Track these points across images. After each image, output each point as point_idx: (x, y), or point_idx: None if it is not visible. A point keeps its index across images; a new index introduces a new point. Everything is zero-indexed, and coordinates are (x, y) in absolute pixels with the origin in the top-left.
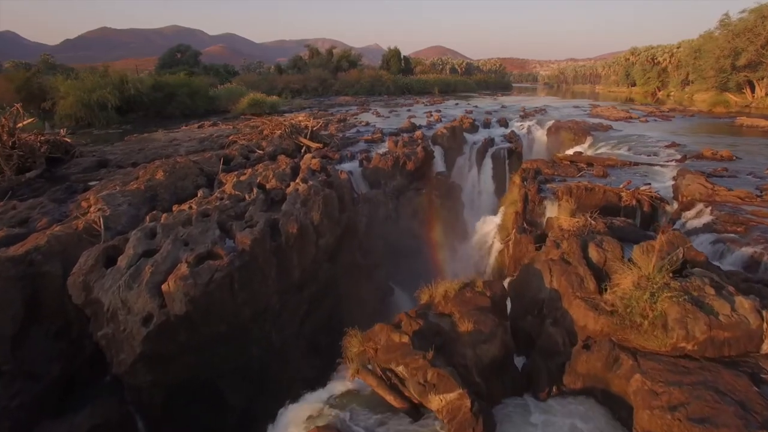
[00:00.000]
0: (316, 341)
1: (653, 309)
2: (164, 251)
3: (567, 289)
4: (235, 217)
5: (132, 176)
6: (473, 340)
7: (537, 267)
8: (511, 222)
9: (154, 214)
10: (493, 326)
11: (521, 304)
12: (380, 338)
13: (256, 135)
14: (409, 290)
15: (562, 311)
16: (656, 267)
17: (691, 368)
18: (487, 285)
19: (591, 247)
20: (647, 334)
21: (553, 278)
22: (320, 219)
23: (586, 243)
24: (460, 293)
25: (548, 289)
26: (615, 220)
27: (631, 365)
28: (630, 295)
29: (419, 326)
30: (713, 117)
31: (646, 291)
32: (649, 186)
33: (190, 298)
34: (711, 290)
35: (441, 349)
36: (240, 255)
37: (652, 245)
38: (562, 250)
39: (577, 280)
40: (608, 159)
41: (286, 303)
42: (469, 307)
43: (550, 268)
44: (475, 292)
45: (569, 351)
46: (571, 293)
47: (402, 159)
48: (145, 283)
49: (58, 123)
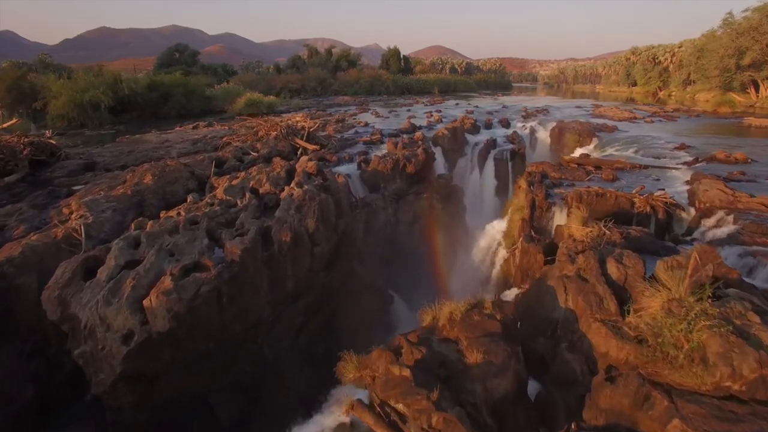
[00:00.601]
0: (312, 352)
1: (689, 339)
2: (147, 263)
3: (584, 310)
4: (225, 225)
5: (119, 180)
6: (483, 373)
7: (550, 284)
8: (517, 229)
9: (140, 221)
10: (505, 357)
11: (532, 323)
12: (378, 366)
13: (251, 136)
14: (409, 298)
15: (579, 335)
16: (688, 288)
17: (741, 414)
18: (496, 306)
19: (610, 263)
20: (684, 369)
21: (568, 297)
22: (316, 226)
23: (603, 257)
24: (467, 316)
25: (563, 308)
26: (631, 229)
27: (667, 407)
28: (660, 322)
29: (421, 355)
30: (719, 117)
31: (679, 318)
32: (664, 191)
33: (173, 314)
34: (755, 318)
35: (447, 382)
36: (229, 266)
37: (678, 261)
38: (578, 266)
39: (595, 300)
40: (617, 161)
41: (280, 315)
42: (477, 333)
43: (565, 286)
44: (483, 314)
45: (589, 381)
46: (590, 315)
47: (402, 161)
48: (125, 298)
49: (50, 123)
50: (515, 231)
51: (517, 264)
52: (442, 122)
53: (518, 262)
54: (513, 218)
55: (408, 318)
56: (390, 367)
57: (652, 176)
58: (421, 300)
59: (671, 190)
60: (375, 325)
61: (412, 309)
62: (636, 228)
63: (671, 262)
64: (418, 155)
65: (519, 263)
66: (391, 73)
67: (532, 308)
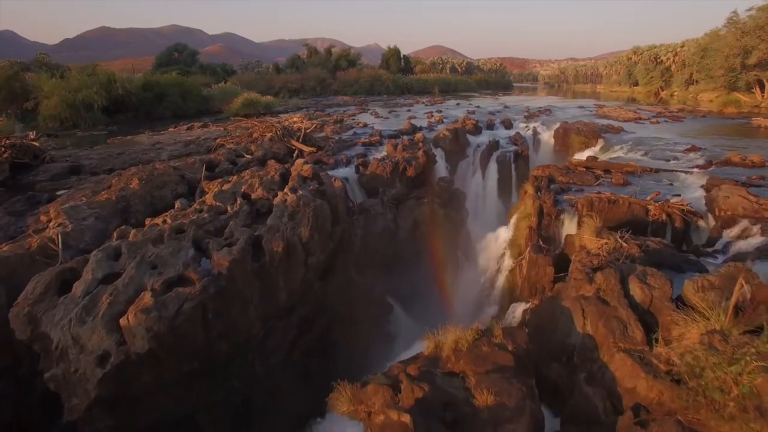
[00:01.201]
0: (307, 367)
1: (739, 383)
2: (126, 276)
3: (606, 336)
4: (214, 233)
5: (104, 185)
6: (494, 417)
7: (565, 304)
8: (523, 237)
9: (123, 230)
10: (519, 398)
11: (545, 347)
12: (374, 402)
13: (245, 138)
14: (409, 307)
15: (599, 365)
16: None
17: None
18: (507, 335)
19: (632, 283)
20: (735, 421)
21: (586, 321)
22: (310, 234)
23: (624, 275)
24: (474, 346)
25: (580, 333)
26: (649, 241)
27: None
28: (700, 359)
29: (423, 393)
30: (725, 118)
31: (724, 356)
32: (681, 198)
33: (153, 334)
34: None
35: (453, 428)
36: (215, 279)
37: (710, 282)
38: (597, 286)
39: (618, 326)
40: (626, 165)
41: (272, 329)
42: (486, 367)
43: (582, 309)
44: (492, 344)
45: (613, 421)
46: (612, 343)
47: (402, 164)
48: (101, 316)
49: (42, 124)
50: (521, 239)
51: (524, 275)
52: (443, 123)
53: (525, 273)
54: (519, 226)
55: (408, 327)
56: (388, 410)
57: (664, 181)
58: (422, 309)
59: (686, 197)
60: (373, 336)
61: (413, 318)
62: (655, 239)
63: (702, 282)
64: (419, 158)
65: (526, 275)
66: (391, 72)
67: (544, 329)
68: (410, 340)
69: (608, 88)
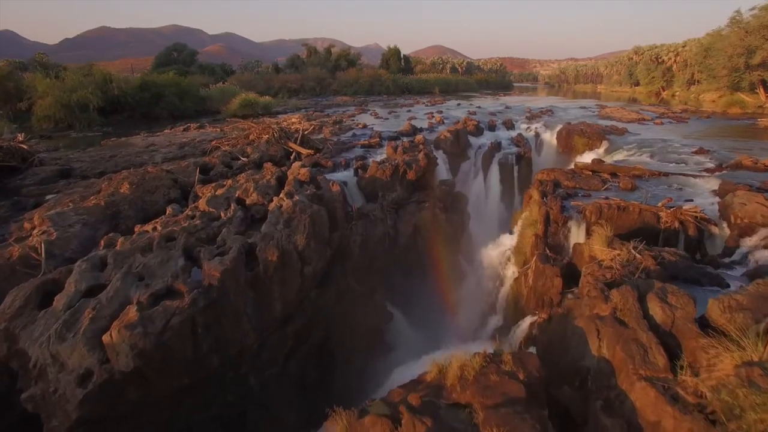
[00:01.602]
0: (303, 379)
1: None
2: (111, 289)
3: (624, 362)
4: (206, 240)
5: (94, 189)
6: None
7: (578, 324)
8: (529, 245)
9: (110, 238)
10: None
11: (555, 368)
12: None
13: (241, 140)
14: (409, 314)
15: (617, 392)
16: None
17: None
18: (518, 361)
19: (652, 302)
20: None
21: (602, 344)
22: (306, 242)
23: (642, 292)
24: (482, 374)
25: (595, 357)
26: (664, 252)
27: None
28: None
29: (426, 428)
30: (730, 118)
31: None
32: (693, 204)
33: (138, 351)
34: None
35: None
36: (206, 291)
37: (738, 301)
38: (613, 305)
39: (638, 351)
40: (634, 168)
41: (266, 341)
42: (495, 398)
43: (597, 329)
44: (502, 372)
45: None
46: (632, 370)
47: (402, 167)
48: (82, 332)
49: (36, 125)
50: (526, 247)
51: (531, 286)
52: (443, 124)
53: (531, 283)
54: (524, 233)
55: (409, 335)
56: None
57: (673, 185)
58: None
59: (699, 203)
60: (373, 345)
61: (414, 326)
62: (670, 250)
63: (729, 302)
64: (420, 160)
65: (532, 285)
66: (391, 72)
67: (554, 349)
68: (411, 349)
69: (609, 88)
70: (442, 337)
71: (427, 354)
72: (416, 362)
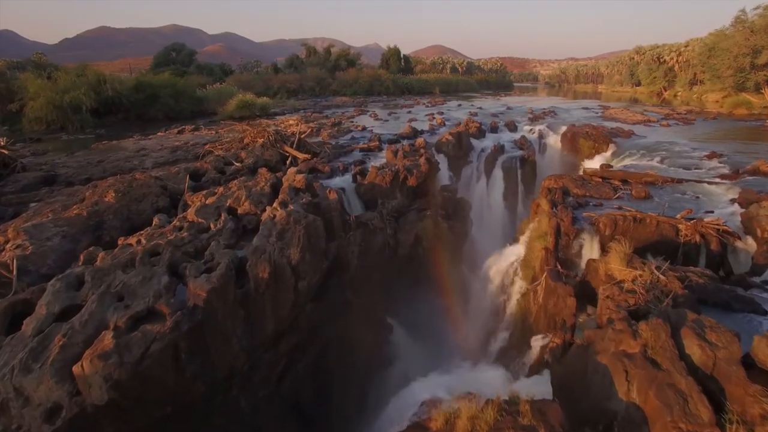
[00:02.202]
0: (298, 398)
1: None
2: (86, 312)
3: (660, 411)
4: (194, 254)
5: (78, 197)
6: None
7: (601, 360)
8: (538, 259)
9: (90, 252)
10: None
11: (574, 405)
12: None
13: (236, 144)
14: (410, 326)
15: None
16: None
17: None
18: (537, 413)
19: (688, 338)
20: None
21: (631, 387)
22: (301, 256)
23: (674, 324)
24: (496, 429)
25: (623, 401)
26: (690, 272)
27: None
28: None
29: None
30: (737, 120)
31: None
32: (715, 216)
33: (113, 382)
34: None
35: None
36: (190, 313)
37: None
38: (643, 341)
39: (676, 399)
40: (645, 175)
41: (258, 361)
42: None
43: (625, 370)
44: (519, 427)
45: None
46: (670, 423)
47: (402, 173)
48: (50, 363)
49: (27, 127)
50: (535, 261)
51: (541, 304)
52: (444, 126)
53: (542, 301)
54: (532, 245)
55: (410, 348)
56: None
57: (688, 193)
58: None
59: (718, 213)
60: (372, 359)
61: (414, 338)
62: (695, 270)
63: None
64: (421, 165)
65: (543, 303)
66: (391, 72)
67: (573, 385)
68: (413, 364)
69: (610, 88)
70: (446, 352)
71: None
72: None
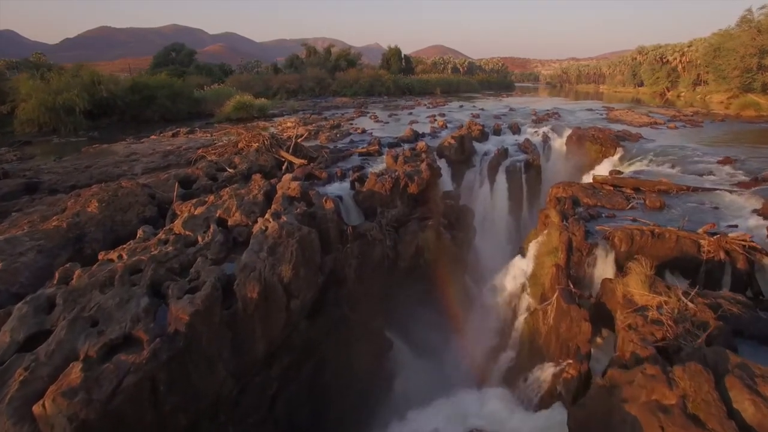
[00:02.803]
0: (292, 420)
1: None
2: (53, 340)
3: None
4: (179, 271)
5: (59, 207)
6: None
7: (630, 411)
8: (547, 276)
9: (66, 269)
10: None
11: None
12: None
13: (230, 148)
14: (411, 340)
15: None
16: None
17: None
18: None
19: (736, 390)
20: None
21: None
22: (293, 272)
23: (714, 368)
24: None
25: None
26: (720, 298)
27: None
28: None
29: None
30: (745, 122)
31: None
32: (741, 231)
33: (78, 423)
34: None
35: None
36: (171, 340)
37: None
38: (681, 391)
39: None
40: (659, 183)
41: (248, 385)
42: None
43: (662, 426)
44: None
45: None
46: None
47: (403, 180)
48: (8, 401)
49: (18, 129)
50: (545, 277)
51: (551, 325)
52: (446, 128)
53: (552, 323)
54: (541, 261)
55: (411, 364)
56: None
57: (705, 202)
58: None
59: (740, 225)
60: (371, 375)
61: (415, 354)
62: (726, 295)
63: None
64: (422, 172)
65: (554, 325)
66: (392, 72)
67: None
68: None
69: (612, 88)
70: (448, 370)
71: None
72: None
